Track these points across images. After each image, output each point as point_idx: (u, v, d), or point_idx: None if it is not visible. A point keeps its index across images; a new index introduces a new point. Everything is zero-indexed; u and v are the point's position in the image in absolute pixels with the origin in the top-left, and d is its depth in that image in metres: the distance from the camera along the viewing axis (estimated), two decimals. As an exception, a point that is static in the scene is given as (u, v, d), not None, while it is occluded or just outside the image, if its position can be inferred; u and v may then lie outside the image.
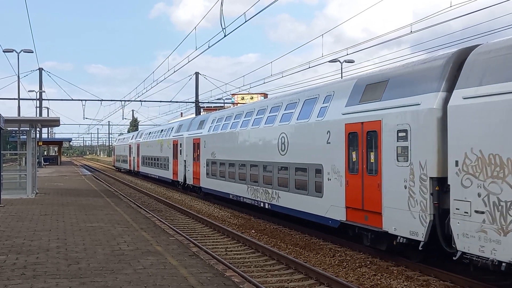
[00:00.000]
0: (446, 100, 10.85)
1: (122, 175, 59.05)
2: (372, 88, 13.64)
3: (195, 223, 20.49)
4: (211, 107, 70.30)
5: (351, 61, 43.64)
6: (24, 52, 48.40)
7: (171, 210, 24.68)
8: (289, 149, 17.56)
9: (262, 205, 19.90)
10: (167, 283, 8.63)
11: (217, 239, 16.92)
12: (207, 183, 27.09)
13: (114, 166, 74.80)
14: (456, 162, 10.21)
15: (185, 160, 32.01)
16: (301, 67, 71.10)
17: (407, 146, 11.76)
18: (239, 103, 68.86)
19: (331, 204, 14.89)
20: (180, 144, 33.35)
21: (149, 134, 47.33)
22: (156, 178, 42.27)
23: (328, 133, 15.08)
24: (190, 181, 31.02)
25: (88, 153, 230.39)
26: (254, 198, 20.66)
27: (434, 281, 11.25)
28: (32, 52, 48.33)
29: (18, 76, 50.84)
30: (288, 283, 11.28)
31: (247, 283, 9.48)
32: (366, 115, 13.33)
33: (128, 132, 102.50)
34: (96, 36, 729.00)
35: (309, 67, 38.00)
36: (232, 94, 71.35)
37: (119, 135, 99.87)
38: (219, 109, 52.37)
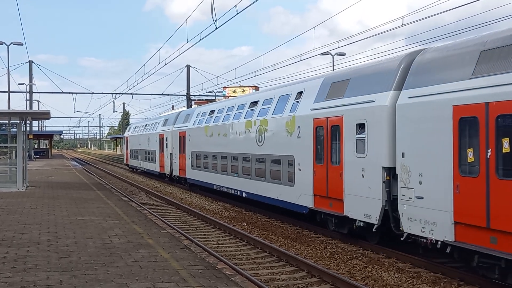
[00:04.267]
0: None
1: (118, 170, 58.73)
2: None
3: (186, 216, 20.48)
4: (203, 100, 70.14)
5: (343, 54, 43.70)
6: (14, 44, 48.09)
7: (163, 203, 24.64)
8: None
9: None
10: (158, 275, 8.62)
11: (209, 232, 16.93)
12: None
13: (127, 165, 53.46)
14: None
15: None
16: (292, 59, 70.95)
17: None
18: (230, 96, 68.67)
19: None
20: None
21: (207, 113, 27.30)
22: (235, 195, 22.55)
23: None
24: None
25: (79, 146, 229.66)
26: None
27: (425, 272, 11.32)
28: (22, 44, 48.04)
29: (8, 69, 50.55)
30: (279, 275, 11.32)
31: (239, 275, 9.50)
32: None
33: (120, 126, 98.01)
34: (90, 29, 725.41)
35: (301, 60, 37.85)
36: (224, 87, 71.29)
37: (139, 120, 65.13)
38: (211, 102, 51.52)
